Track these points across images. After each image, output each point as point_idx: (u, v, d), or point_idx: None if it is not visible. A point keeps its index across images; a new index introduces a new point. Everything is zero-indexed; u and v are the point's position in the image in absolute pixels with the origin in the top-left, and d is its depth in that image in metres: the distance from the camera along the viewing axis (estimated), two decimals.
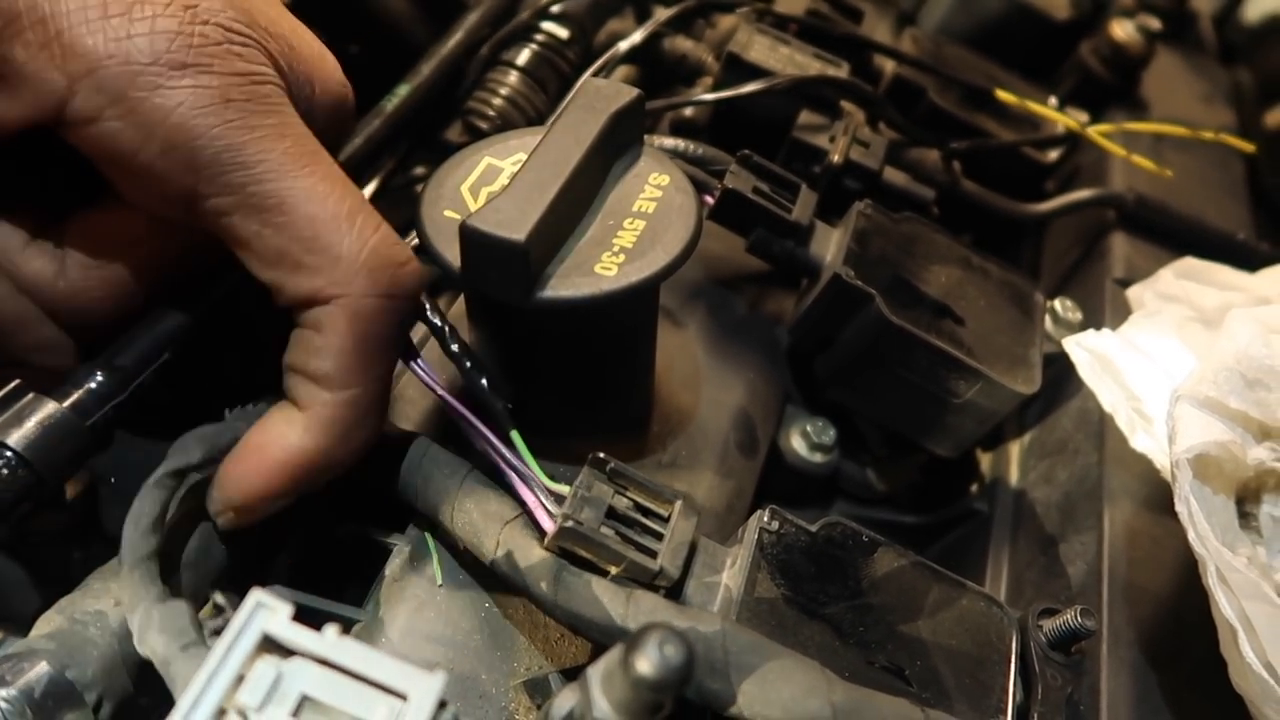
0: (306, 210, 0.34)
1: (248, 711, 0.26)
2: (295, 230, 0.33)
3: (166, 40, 0.32)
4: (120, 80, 0.31)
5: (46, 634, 0.32)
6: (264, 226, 0.33)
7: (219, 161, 0.33)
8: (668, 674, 0.27)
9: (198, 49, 0.32)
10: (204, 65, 0.32)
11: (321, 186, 0.34)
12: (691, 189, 0.43)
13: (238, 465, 0.36)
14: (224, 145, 0.32)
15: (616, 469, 0.38)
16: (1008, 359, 0.52)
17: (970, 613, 0.40)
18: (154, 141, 0.32)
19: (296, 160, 0.34)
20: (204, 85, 0.32)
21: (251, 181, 0.33)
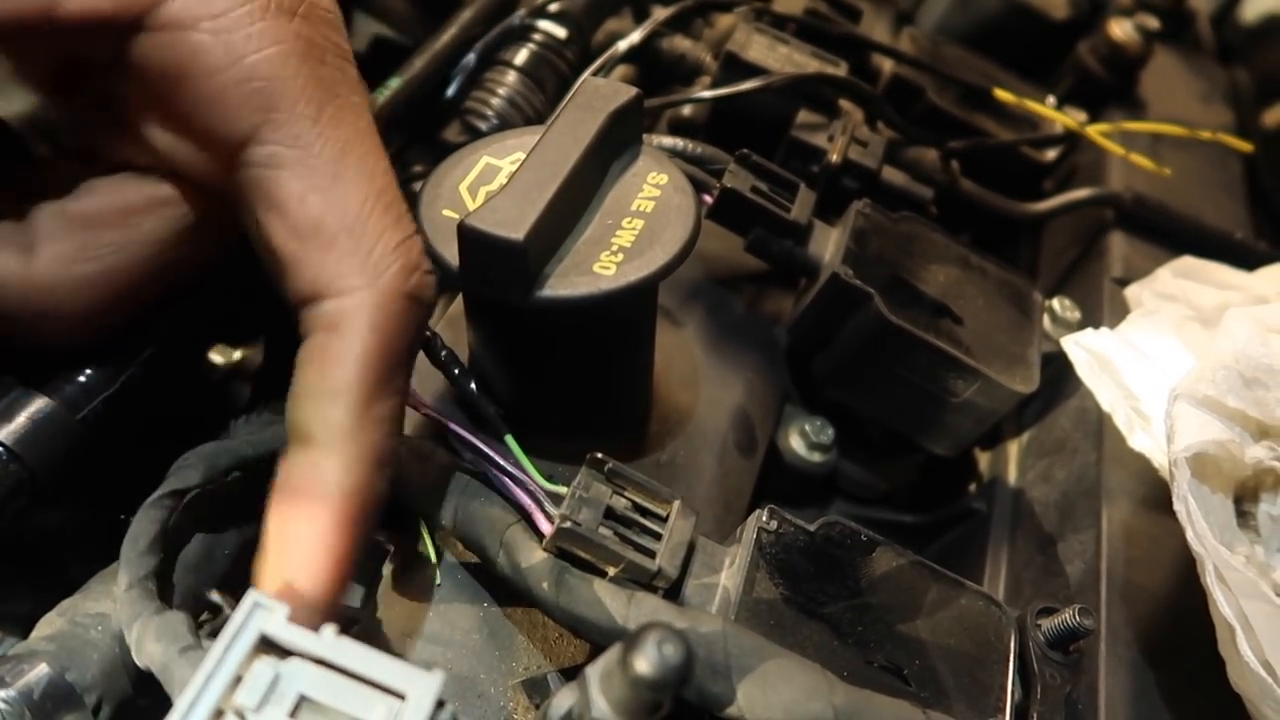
0: (358, 187, 0.32)
1: (245, 712, 0.26)
2: (342, 203, 0.32)
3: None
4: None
5: (46, 636, 0.32)
6: (311, 191, 0.32)
7: (296, 111, 0.32)
8: (666, 673, 0.27)
9: (309, 3, 0.32)
10: (313, 18, 0.32)
11: (378, 171, 0.33)
12: (690, 188, 0.43)
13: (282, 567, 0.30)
14: (307, 97, 0.32)
15: (614, 469, 0.38)
16: (1006, 358, 0.52)
17: (969, 612, 0.40)
18: (240, 67, 0.31)
19: (363, 140, 0.33)
20: (306, 36, 0.32)
21: (319, 140, 0.32)
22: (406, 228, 0.33)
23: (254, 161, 0.32)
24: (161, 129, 0.34)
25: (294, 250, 0.32)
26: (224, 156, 0.32)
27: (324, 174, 0.32)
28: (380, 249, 0.32)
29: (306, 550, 0.30)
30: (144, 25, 0.31)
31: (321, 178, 0.32)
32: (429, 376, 0.44)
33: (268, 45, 0.31)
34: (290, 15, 0.32)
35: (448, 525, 0.40)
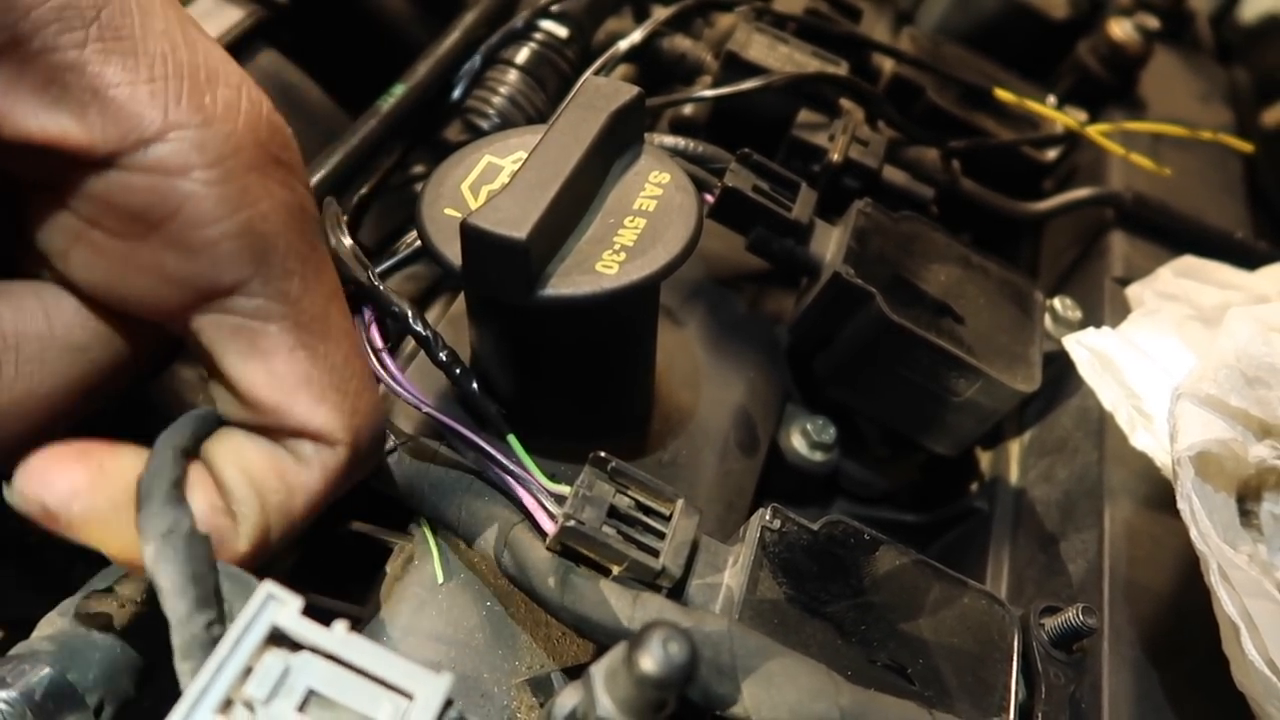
0: (341, 344, 0.33)
1: (255, 703, 0.26)
2: (329, 359, 0.32)
3: (270, 130, 0.31)
4: (227, 146, 0.29)
5: (47, 636, 0.32)
6: (300, 347, 0.32)
7: (286, 266, 0.31)
8: (671, 672, 0.27)
9: (287, 150, 0.31)
10: (292, 166, 0.31)
11: (349, 325, 0.34)
12: (692, 187, 0.42)
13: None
14: (295, 252, 0.31)
15: (618, 468, 0.38)
16: (1008, 357, 0.52)
17: (972, 611, 0.40)
18: (234, 221, 0.30)
19: (337, 291, 0.33)
20: (289, 187, 0.31)
21: (306, 296, 0.32)
22: (374, 385, 0.35)
23: (238, 311, 0.31)
24: (109, 262, 0.31)
25: (278, 400, 0.32)
26: (190, 300, 0.31)
27: (313, 330, 0.32)
28: (363, 409, 0.33)
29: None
30: (119, 163, 0.29)
31: (310, 334, 0.32)
32: (430, 376, 0.44)
33: (262, 199, 0.30)
34: (275, 164, 0.31)
35: (451, 524, 0.40)
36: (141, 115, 0.28)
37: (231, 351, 0.31)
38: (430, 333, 0.39)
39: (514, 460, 0.39)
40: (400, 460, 0.41)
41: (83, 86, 0.28)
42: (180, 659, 0.27)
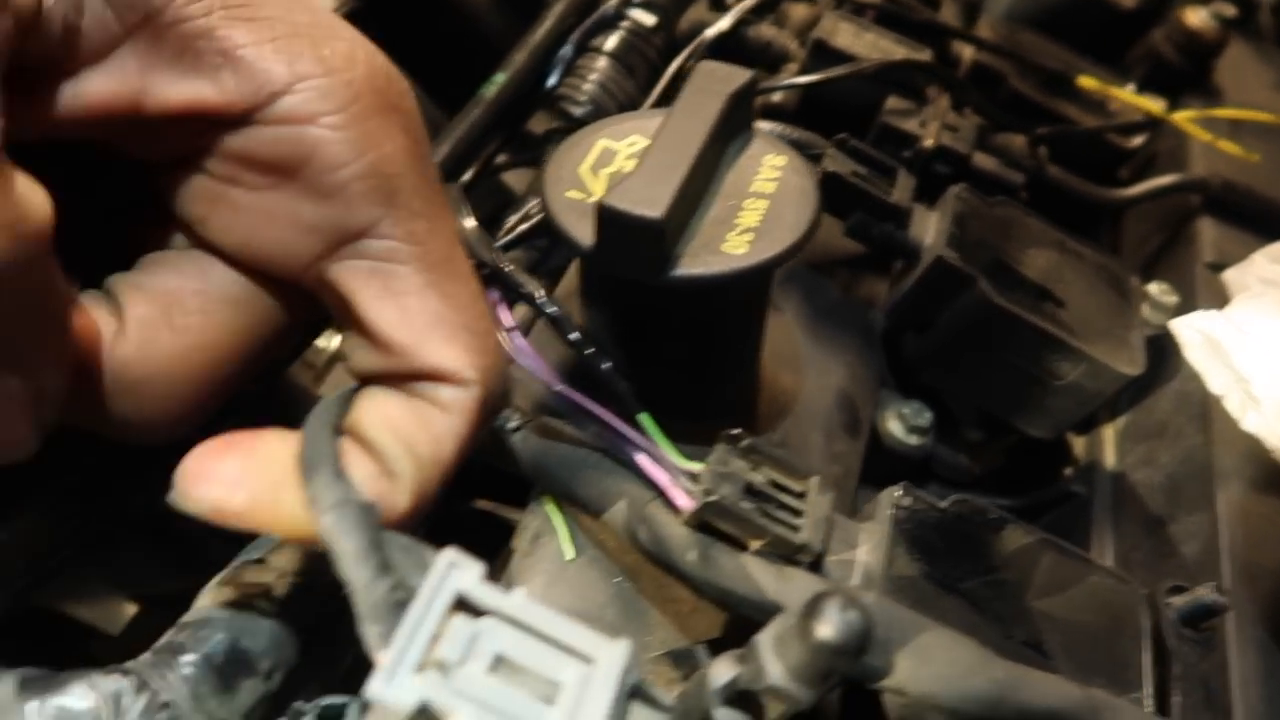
0: (468, 283, 0.33)
1: (447, 666, 0.26)
2: (459, 298, 0.32)
3: (386, 79, 0.31)
4: (348, 93, 0.30)
5: (218, 604, 0.32)
6: (430, 286, 0.32)
7: (413, 207, 0.31)
8: (850, 638, 0.27)
9: (404, 98, 0.32)
10: (408, 110, 0.32)
11: (470, 269, 0.34)
12: (808, 169, 0.43)
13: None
14: (420, 193, 0.32)
15: (751, 445, 0.38)
16: (1110, 341, 0.52)
17: (1100, 589, 0.40)
18: (362, 162, 0.31)
19: (457, 235, 0.34)
20: (410, 130, 0.32)
21: (432, 236, 0.32)
22: (494, 327, 0.34)
23: (370, 254, 0.32)
24: (249, 219, 0.32)
25: (412, 340, 0.32)
26: (326, 246, 0.32)
27: (441, 270, 0.32)
28: (491, 349, 0.33)
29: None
30: (254, 119, 0.30)
31: (438, 274, 0.32)
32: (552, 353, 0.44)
33: (386, 142, 0.31)
34: (395, 110, 0.32)
35: (581, 501, 0.40)
36: (269, 71, 0.30)
37: (365, 294, 0.32)
38: (561, 312, 0.40)
39: (646, 438, 0.39)
40: (526, 438, 0.42)
41: (213, 51, 0.30)
42: (367, 623, 0.28)
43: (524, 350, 0.40)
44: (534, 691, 0.27)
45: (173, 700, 0.29)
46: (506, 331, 0.40)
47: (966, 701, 0.32)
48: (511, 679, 0.27)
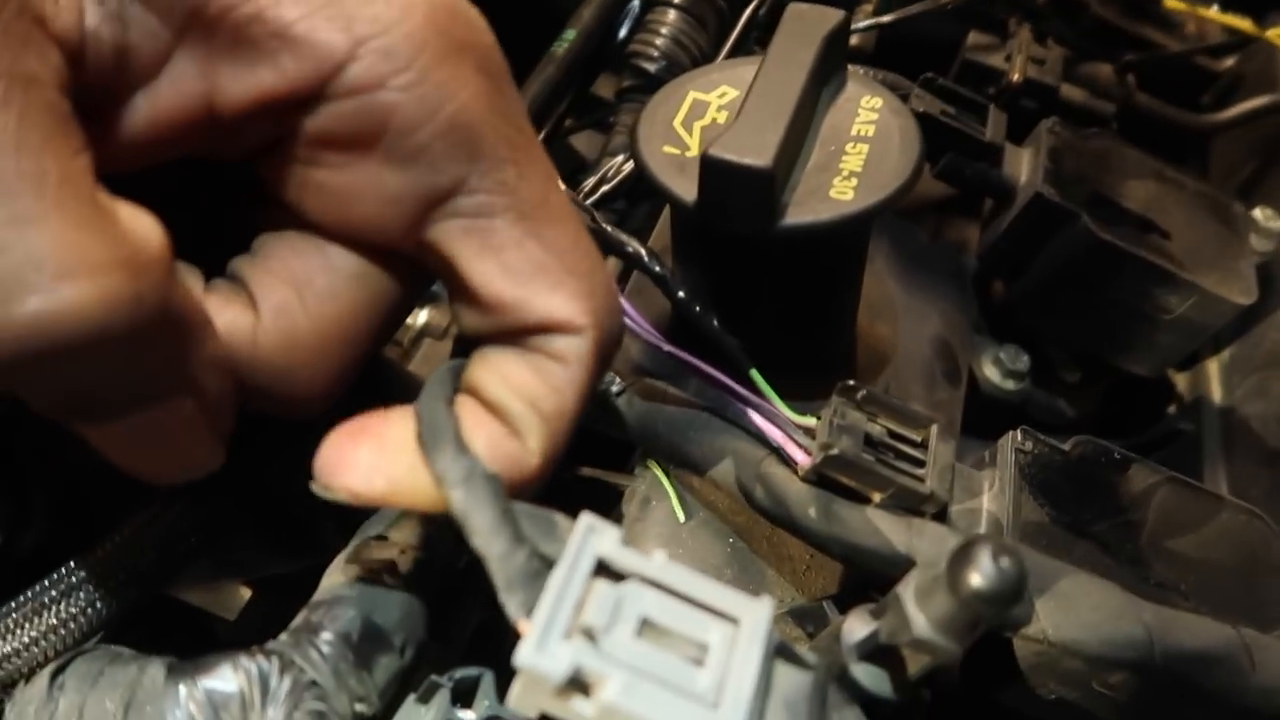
0: (567, 225, 0.31)
1: (595, 632, 0.26)
2: (560, 243, 0.31)
3: (449, 17, 0.29)
4: (411, 46, 0.28)
5: (345, 582, 0.32)
6: (528, 236, 0.30)
7: (499, 156, 0.29)
8: (1005, 586, 0.27)
9: (473, 30, 0.30)
10: (480, 48, 0.30)
11: (569, 202, 0.31)
12: (906, 110, 0.41)
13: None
14: (504, 139, 0.30)
15: (869, 395, 0.37)
16: (1220, 270, 0.50)
17: (1232, 526, 0.39)
18: (439, 120, 0.29)
19: (551, 171, 0.31)
20: (484, 71, 0.30)
21: (523, 183, 0.30)
22: (604, 263, 0.32)
23: (462, 212, 0.30)
24: (338, 198, 0.31)
25: (517, 294, 0.31)
26: (417, 212, 0.30)
27: (537, 217, 0.30)
28: (601, 289, 0.31)
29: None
30: (324, 95, 0.29)
31: (535, 220, 0.30)
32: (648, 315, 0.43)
33: (459, 91, 0.29)
34: (466, 49, 0.29)
35: (692, 462, 0.39)
36: (327, 43, 0.28)
37: (464, 254, 0.31)
38: (666, 271, 0.39)
39: (757, 395, 0.38)
40: (631, 402, 0.41)
41: (268, 35, 0.28)
42: (505, 593, 0.28)
43: (629, 312, 0.39)
44: (682, 654, 0.27)
45: (317, 679, 0.29)
46: None
47: (1115, 646, 0.31)
48: (658, 642, 0.27)
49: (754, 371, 0.38)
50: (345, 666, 0.30)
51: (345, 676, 0.30)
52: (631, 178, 0.54)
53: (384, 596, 0.32)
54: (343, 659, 0.30)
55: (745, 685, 0.26)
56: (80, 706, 0.28)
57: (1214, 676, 0.31)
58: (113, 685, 0.28)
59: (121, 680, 0.28)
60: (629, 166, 0.54)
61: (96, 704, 0.28)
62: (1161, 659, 0.31)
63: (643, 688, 0.26)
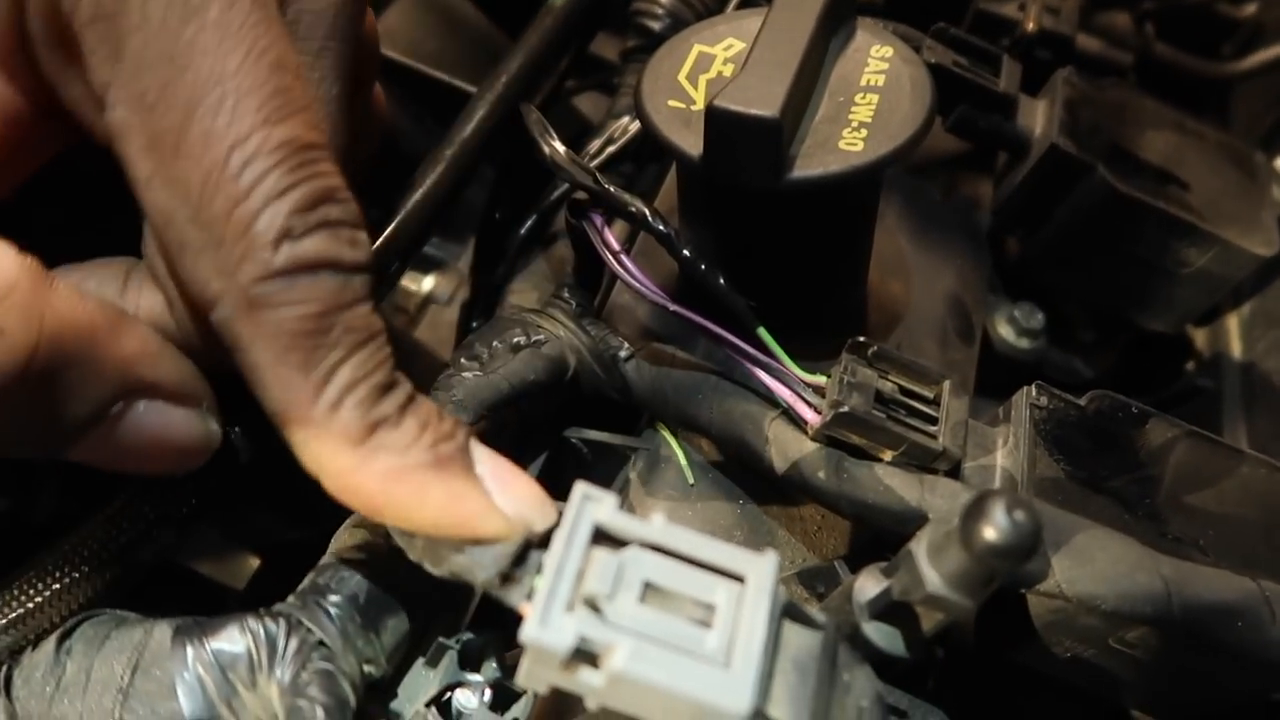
0: (209, 147, 0.25)
1: (599, 600, 0.26)
2: (192, 174, 0.25)
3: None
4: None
5: (353, 545, 0.32)
6: (156, 172, 0.25)
7: (142, 55, 0.25)
8: (1021, 540, 0.26)
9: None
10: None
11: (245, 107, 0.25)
12: (917, 58, 0.40)
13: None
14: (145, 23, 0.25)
15: (880, 351, 0.36)
16: (1241, 222, 0.48)
17: (1253, 480, 0.38)
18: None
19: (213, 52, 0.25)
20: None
21: (165, 98, 0.25)
22: (290, 176, 0.26)
23: (111, 132, 0.26)
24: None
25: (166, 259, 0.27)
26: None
27: (169, 146, 0.25)
28: (233, 230, 0.25)
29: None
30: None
31: (167, 149, 0.25)
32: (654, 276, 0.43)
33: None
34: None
35: (702, 425, 0.39)
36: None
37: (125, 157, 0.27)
38: (671, 230, 0.38)
39: (766, 354, 0.38)
40: (639, 366, 0.41)
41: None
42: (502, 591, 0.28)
43: (634, 272, 0.39)
44: (689, 616, 0.26)
45: (325, 640, 0.29)
46: (614, 255, 0.39)
47: (1132, 600, 0.31)
48: (664, 606, 0.26)
49: (762, 330, 0.38)
50: (353, 628, 0.30)
51: (353, 638, 0.30)
52: (638, 139, 0.53)
53: (392, 560, 0.32)
54: (350, 621, 0.30)
55: (755, 642, 0.26)
56: (87, 670, 0.28)
57: (1234, 629, 0.31)
58: (119, 648, 0.28)
59: (128, 643, 0.28)
60: (635, 128, 0.53)
61: (103, 667, 0.28)
62: (1180, 612, 0.31)
63: (651, 653, 0.25)
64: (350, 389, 0.26)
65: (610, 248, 0.39)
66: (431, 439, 0.27)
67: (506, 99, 0.47)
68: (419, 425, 0.27)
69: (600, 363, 0.41)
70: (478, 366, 0.41)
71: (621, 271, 0.39)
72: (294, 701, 0.27)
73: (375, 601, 0.31)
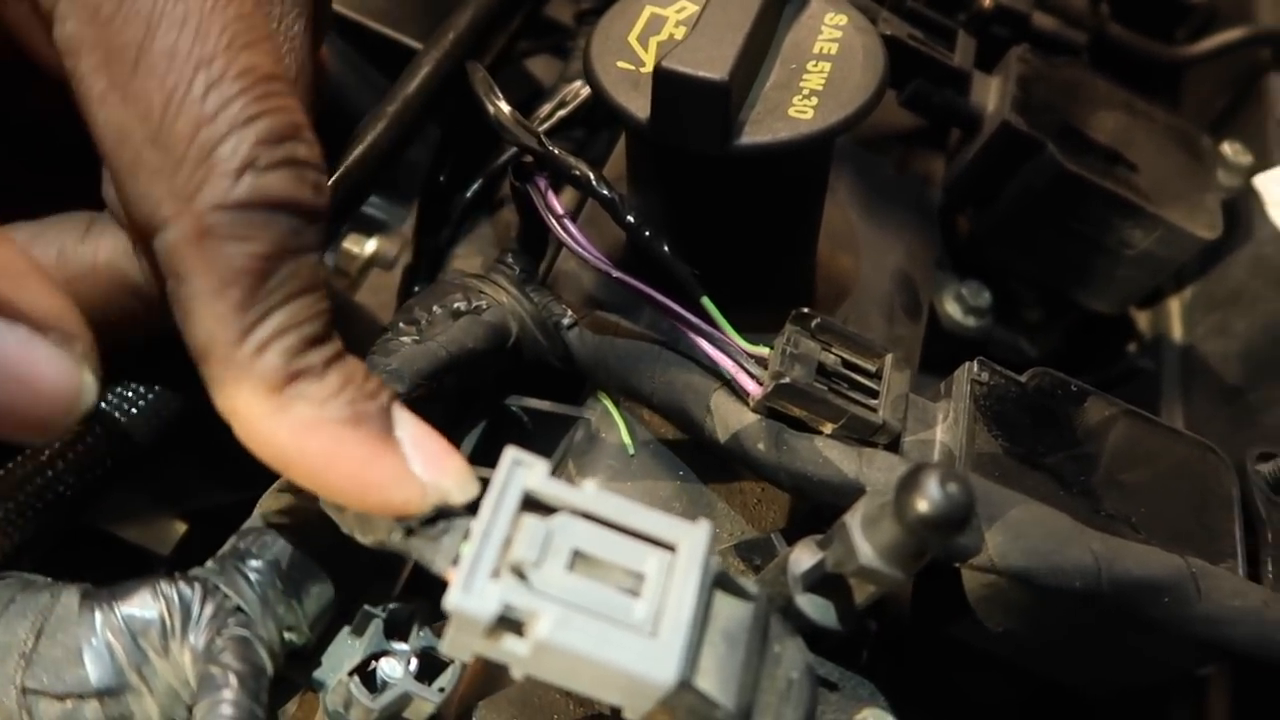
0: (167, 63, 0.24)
1: (525, 567, 0.25)
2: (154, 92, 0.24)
3: None
4: None
5: (278, 510, 0.31)
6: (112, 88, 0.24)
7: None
8: (952, 512, 0.26)
9: None
10: None
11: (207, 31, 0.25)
12: (872, 28, 0.40)
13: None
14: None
15: (823, 323, 0.36)
16: (1186, 204, 0.49)
17: (1187, 459, 0.38)
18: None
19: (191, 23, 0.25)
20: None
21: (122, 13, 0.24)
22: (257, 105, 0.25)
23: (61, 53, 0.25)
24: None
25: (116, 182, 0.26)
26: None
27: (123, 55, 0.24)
28: (194, 154, 0.24)
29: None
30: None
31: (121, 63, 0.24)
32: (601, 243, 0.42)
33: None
34: None
35: (644, 395, 0.38)
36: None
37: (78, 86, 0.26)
38: (616, 195, 0.37)
39: (709, 324, 0.37)
40: (582, 335, 0.40)
41: None
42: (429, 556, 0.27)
43: (577, 238, 0.38)
44: (618, 584, 0.26)
45: (243, 605, 0.28)
46: (557, 219, 0.38)
47: (1062, 574, 0.31)
48: (593, 574, 0.26)
49: (706, 300, 0.37)
50: (273, 594, 0.29)
51: (273, 604, 0.29)
52: (589, 104, 0.52)
53: (318, 526, 0.31)
54: (271, 586, 0.29)
55: (683, 612, 0.26)
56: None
57: (1161, 605, 0.31)
58: (23, 612, 0.27)
59: (33, 607, 0.27)
60: (586, 92, 0.52)
61: (5, 631, 0.27)
62: (1109, 587, 0.31)
63: (576, 621, 0.25)
64: (280, 334, 0.25)
65: (554, 212, 0.38)
66: (352, 395, 0.26)
67: (454, 56, 0.46)
68: (341, 380, 0.26)
69: (543, 330, 0.40)
70: (416, 332, 0.40)
71: (565, 236, 0.38)
72: (207, 668, 0.26)
73: (299, 567, 0.30)
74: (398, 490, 0.26)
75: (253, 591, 0.28)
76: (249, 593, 0.28)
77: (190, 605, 0.27)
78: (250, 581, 0.29)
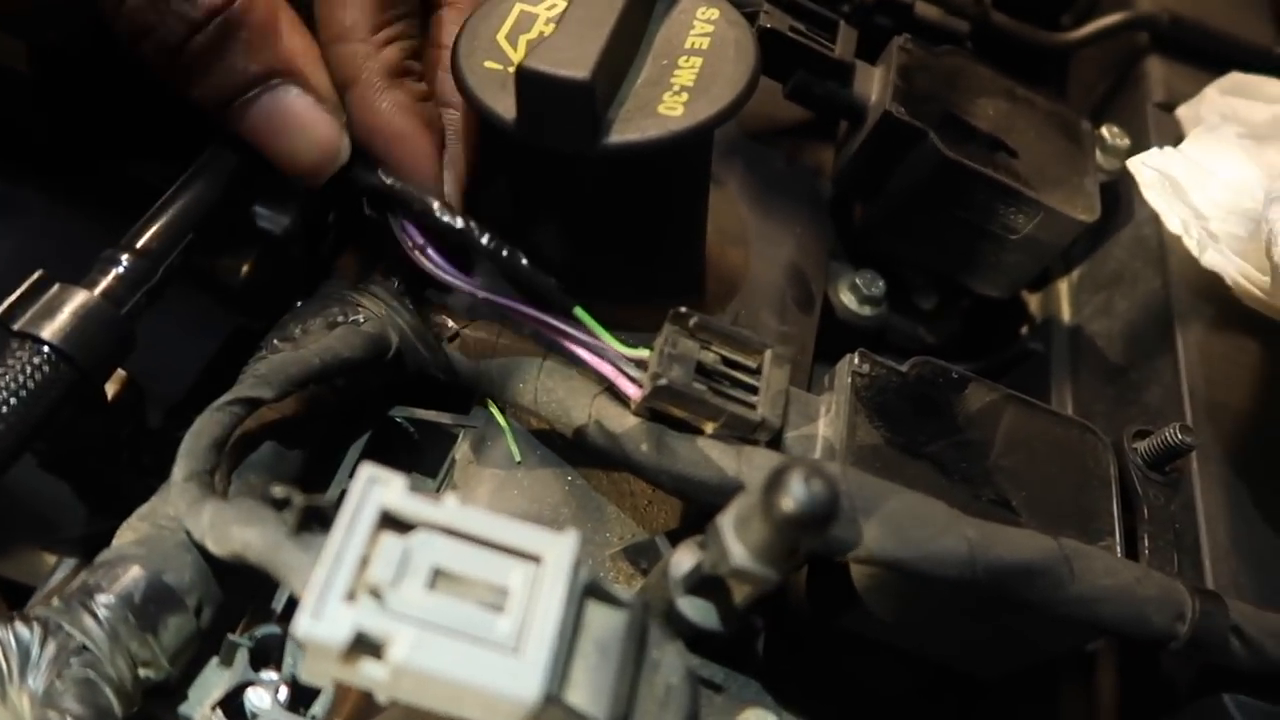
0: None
1: (382, 588, 0.24)
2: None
3: None
4: None
5: (134, 540, 0.30)
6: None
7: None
8: (816, 509, 0.26)
9: None
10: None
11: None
12: (744, 21, 0.39)
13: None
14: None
15: (701, 322, 0.36)
16: (1065, 188, 0.50)
17: (1066, 440, 0.39)
18: None
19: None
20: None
21: None
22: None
23: None
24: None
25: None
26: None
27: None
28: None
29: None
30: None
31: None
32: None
33: None
34: None
35: (528, 405, 0.38)
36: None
37: None
38: (466, 224, 0.36)
39: (584, 331, 0.36)
40: (463, 346, 0.39)
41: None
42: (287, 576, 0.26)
43: (439, 262, 0.37)
44: (480, 601, 0.25)
45: (88, 644, 0.26)
46: (420, 249, 0.37)
47: (937, 563, 0.31)
48: (454, 591, 0.25)
49: (579, 309, 0.36)
50: (125, 629, 0.28)
51: (125, 640, 0.28)
52: None
53: (177, 555, 0.30)
54: (122, 621, 0.28)
55: (549, 626, 0.25)
56: None
57: (1035, 588, 0.32)
58: None
59: None
60: None
61: None
62: (983, 573, 0.31)
63: (435, 642, 0.24)
64: (399, 39, 0.38)
65: (414, 241, 0.37)
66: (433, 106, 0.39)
67: None
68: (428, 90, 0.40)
69: (424, 342, 0.40)
70: (290, 346, 0.38)
71: (427, 265, 0.37)
72: (44, 713, 0.24)
73: (155, 599, 0.28)
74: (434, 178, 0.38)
75: (100, 629, 0.27)
76: (96, 630, 0.27)
77: (29, 647, 0.26)
78: (98, 618, 0.27)
